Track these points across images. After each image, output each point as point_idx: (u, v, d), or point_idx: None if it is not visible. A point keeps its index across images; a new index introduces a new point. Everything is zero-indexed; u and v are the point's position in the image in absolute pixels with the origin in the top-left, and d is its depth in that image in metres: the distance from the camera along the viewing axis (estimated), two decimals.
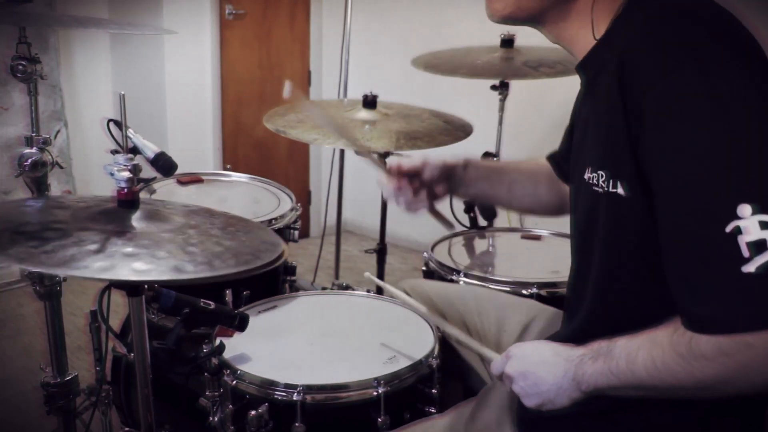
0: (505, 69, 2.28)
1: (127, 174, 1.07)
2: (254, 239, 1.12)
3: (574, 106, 1.13)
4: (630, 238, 0.90)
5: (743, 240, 0.71)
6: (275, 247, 1.09)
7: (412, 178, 1.27)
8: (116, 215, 1.07)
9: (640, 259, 0.90)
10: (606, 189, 0.90)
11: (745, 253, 0.71)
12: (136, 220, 1.07)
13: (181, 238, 1.03)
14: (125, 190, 1.08)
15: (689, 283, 0.77)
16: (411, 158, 1.29)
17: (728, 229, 0.72)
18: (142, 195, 1.31)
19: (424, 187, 1.28)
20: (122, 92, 1.12)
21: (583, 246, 1.02)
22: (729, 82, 0.77)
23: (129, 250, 0.95)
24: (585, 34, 0.96)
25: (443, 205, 1.34)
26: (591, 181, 0.93)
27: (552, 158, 1.32)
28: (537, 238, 2.12)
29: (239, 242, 1.09)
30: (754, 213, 0.71)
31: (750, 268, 0.70)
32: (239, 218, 1.23)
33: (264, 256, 1.03)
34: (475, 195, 1.38)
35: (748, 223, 0.71)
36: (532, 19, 1.00)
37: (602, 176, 0.91)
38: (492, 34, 2.24)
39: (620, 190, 0.88)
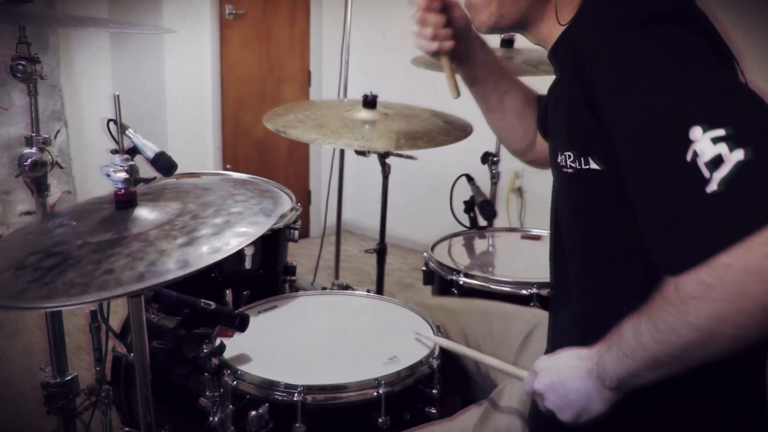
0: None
1: (123, 175, 1.07)
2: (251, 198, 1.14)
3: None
4: (609, 211, 0.90)
5: (701, 162, 0.71)
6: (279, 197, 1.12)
7: (442, 9, 1.20)
8: (115, 219, 1.08)
9: (620, 233, 0.90)
10: (576, 167, 0.91)
11: (706, 173, 0.70)
12: (136, 222, 1.07)
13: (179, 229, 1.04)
14: (122, 190, 1.08)
15: (663, 224, 0.75)
16: None
17: (688, 156, 0.72)
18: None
19: (450, 26, 1.20)
20: (117, 93, 1.12)
21: (565, 230, 1.03)
22: (668, 32, 0.80)
23: (123, 262, 0.96)
24: (557, 28, 1.00)
25: (443, 206, 1.31)
26: (561, 164, 0.94)
27: (539, 100, 1.33)
28: (537, 238, 2.12)
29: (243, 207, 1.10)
30: (705, 132, 0.71)
31: (713, 186, 0.69)
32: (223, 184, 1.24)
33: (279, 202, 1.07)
34: (475, 78, 1.30)
35: (702, 144, 0.71)
36: (516, 25, 1.05)
37: (570, 156, 0.92)
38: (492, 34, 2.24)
39: (593, 165, 0.88)
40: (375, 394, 1.21)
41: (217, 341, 1.30)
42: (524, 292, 1.69)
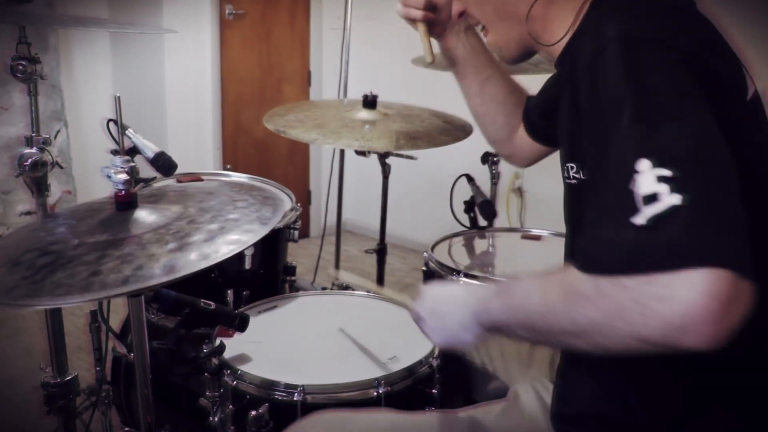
0: (508, 68, 2.29)
1: (124, 176, 1.07)
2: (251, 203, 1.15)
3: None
4: None
5: (638, 192, 0.72)
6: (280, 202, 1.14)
7: None
8: (114, 220, 1.08)
9: None
10: (580, 178, 0.92)
11: (639, 205, 0.72)
12: (134, 224, 1.07)
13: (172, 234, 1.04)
14: (122, 192, 1.08)
15: (592, 229, 0.79)
16: None
17: (630, 184, 0.74)
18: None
19: None
20: (118, 94, 1.12)
21: (573, 238, 1.04)
22: (649, 55, 0.80)
23: (112, 264, 0.96)
24: (556, 46, 1.01)
25: (443, 206, 1.30)
26: (565, 175, 0.96)
27: (528, 100, 1.35)
28: (537, 238, 2.11)
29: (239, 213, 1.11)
30: (652, 167, 0.73)
31: (640, 219, 0.71)
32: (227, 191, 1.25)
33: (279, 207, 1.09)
34: (455, 59, 1.33)
35: (644, 177, 0.73)
36: (525, 53, 1.08)
37: (572, 168, 0.93)
38: None
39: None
40: (375, 394, 1.21)
41: (217, 341, 1.30)
42: None
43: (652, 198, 0.71)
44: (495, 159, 2.45)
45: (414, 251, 3.92)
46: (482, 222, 2.20)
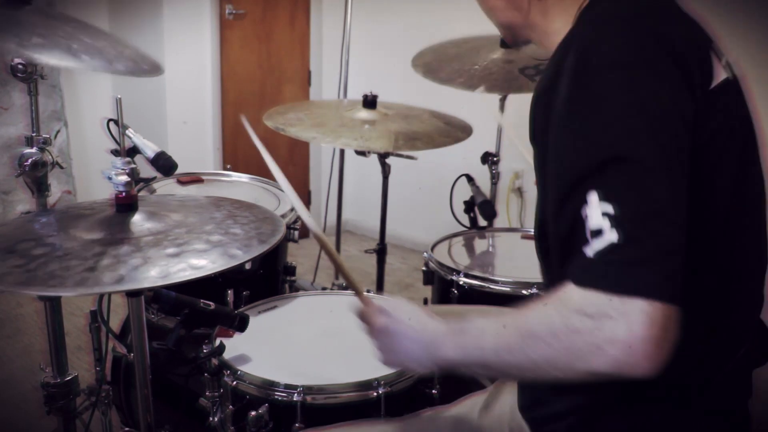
0: (502, 82, 2.25)
1: (124, 178, 1.07)
2: (250, 227, 1.17)
3: None
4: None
5: (588, 225, 0.78)
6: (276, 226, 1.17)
7: None
8: (113, 220, 1.08)
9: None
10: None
11: (588, 236, 0.78)
12: (136, 225, 1.07)
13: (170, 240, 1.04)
14: (123, 193, 1.09)
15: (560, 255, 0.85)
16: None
17: (583, 213, 0.79)
18: (143, 194, 1.31)
19: None
20: (119, 96, 1.12)
21: (541, 246, 1.05)
22: (604, 84, 0.82)
23: (108, 261, 0.96)
24: (550, 42, 1.01)
25: (443, 206, 1.29)
26: (538, 186, 0.98)
27: None
28: None
29: (239, 231, 1.13)
30: (599, 201, 0.78)
31: (588, 251, 0.77)
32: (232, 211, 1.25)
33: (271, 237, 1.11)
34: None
35: (592, 211, 0.78)
36: (516, 35, 1.08)
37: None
38: (491, 33, 2.23)
39: None
40: (375, 394, 1.21)
41: (217, 341, 1.30)
42: (524, 292, 1.69)
43: (597, 233, 0.77)
44: (495, 159, 2.45)
45: (414, 251, 3.92)
46: (482, 222, 2.20)
